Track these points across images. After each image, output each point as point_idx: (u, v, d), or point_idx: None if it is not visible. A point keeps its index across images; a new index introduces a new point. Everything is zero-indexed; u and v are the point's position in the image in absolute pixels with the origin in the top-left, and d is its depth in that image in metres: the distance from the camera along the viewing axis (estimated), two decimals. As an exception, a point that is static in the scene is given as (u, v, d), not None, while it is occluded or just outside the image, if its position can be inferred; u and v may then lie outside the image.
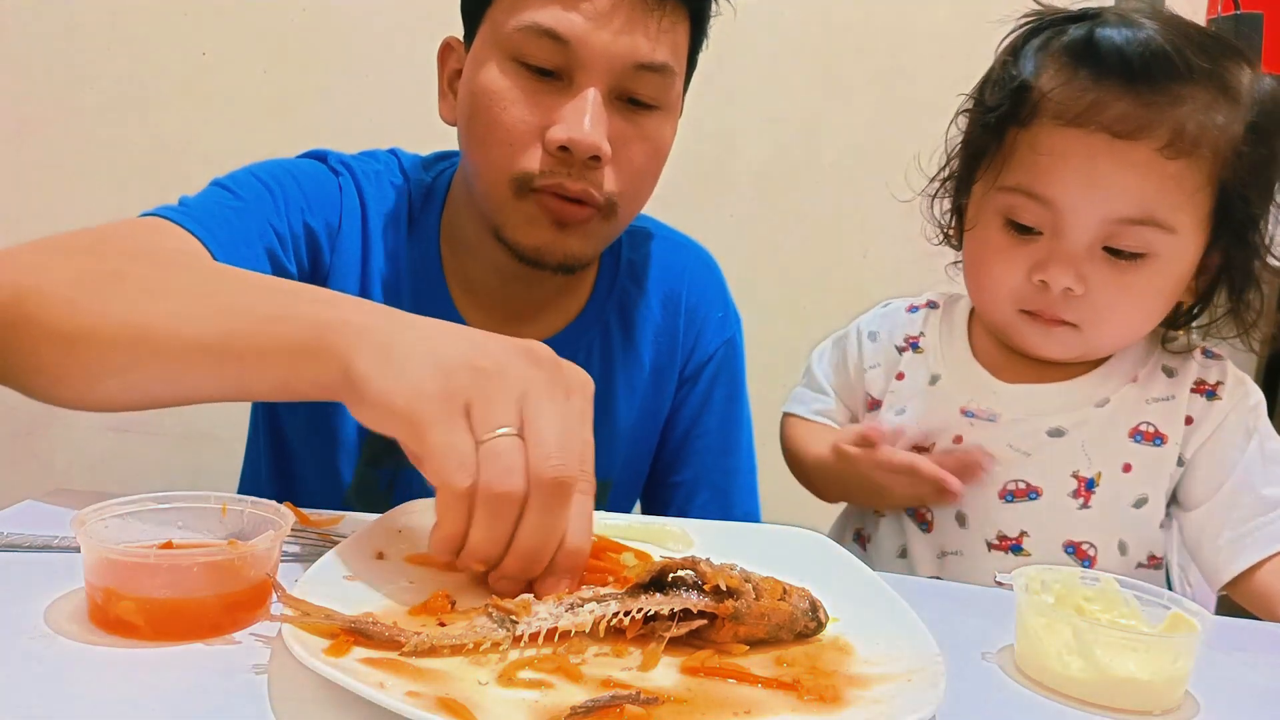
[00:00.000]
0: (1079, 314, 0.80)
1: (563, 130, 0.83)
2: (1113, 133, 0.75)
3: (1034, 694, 0.54)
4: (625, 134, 0.86)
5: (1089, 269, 0.78)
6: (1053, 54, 0.80)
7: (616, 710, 0.43)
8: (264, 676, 0.47)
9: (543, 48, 0.83)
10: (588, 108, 0.83)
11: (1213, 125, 0.75)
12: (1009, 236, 0.81)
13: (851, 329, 0.99)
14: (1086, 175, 0.76)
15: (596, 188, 0.86)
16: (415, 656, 0.47)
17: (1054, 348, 0.83)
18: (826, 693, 0.47)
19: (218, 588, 0.51)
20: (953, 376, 0.89)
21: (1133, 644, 0.53)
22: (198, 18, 1.62)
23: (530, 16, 0.83)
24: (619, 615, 0.51)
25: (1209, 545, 0.82)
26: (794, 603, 0.54)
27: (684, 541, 0.70)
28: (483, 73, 0.86)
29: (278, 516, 0.58)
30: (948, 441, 0.87)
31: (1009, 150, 0.81)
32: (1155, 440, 0.83)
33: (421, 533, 0.63)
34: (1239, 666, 0.62)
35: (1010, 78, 0.82)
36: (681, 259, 1.09)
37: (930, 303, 0.96)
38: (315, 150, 1.00)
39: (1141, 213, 0.76)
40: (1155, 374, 0.86)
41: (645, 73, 0.85)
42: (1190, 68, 0.74)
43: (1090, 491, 0.83)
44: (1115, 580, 0.60)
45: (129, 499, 0.57)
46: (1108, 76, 0.75)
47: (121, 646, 0.49)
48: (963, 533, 0.86)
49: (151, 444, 1.72)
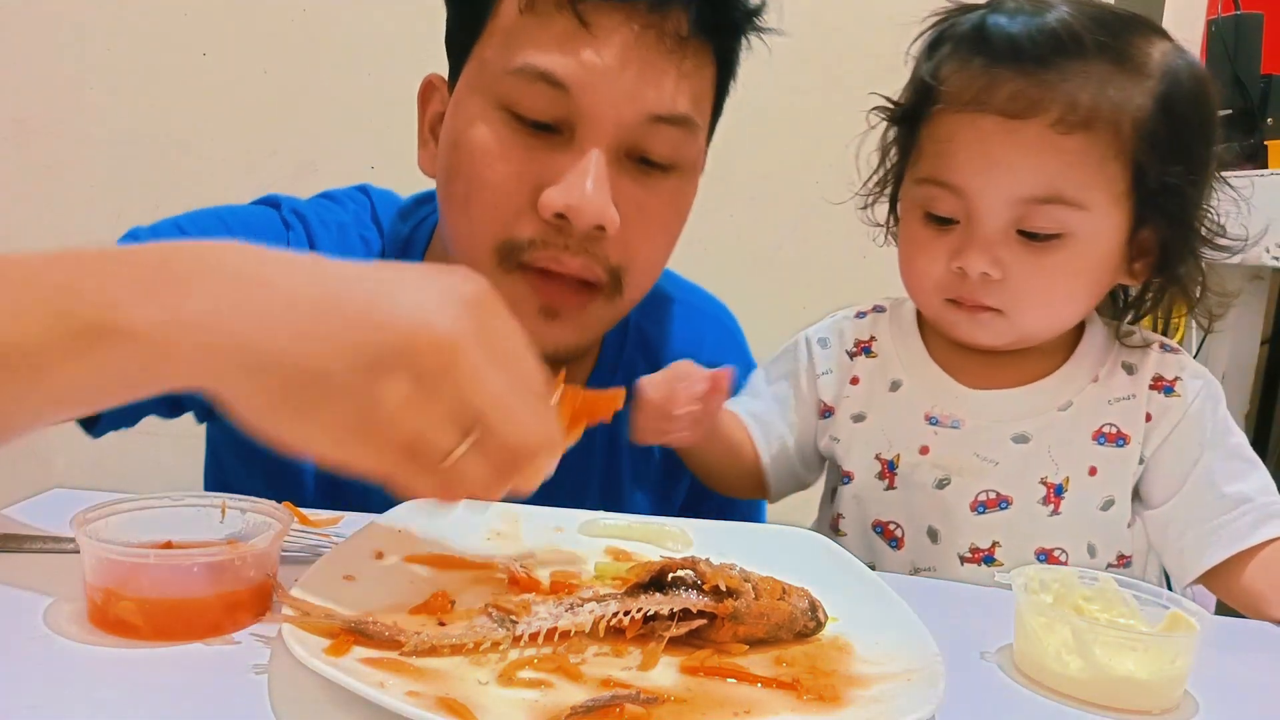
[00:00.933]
0: (1000, 299, 0.79)
1: (560, 195, 0.70)
2: (1005, 113, 0.75)
3: (1033, 693, 0.55)
4: (636, 199, 0.74)
5: (1005, 253, 0.77)
6: (950, 46, 0.81)
7: (616, 710, 0.44)
8: (264, 676, 0.47)
9: (539, 96, 0.71)
10: (590, 169, 0.70)
11: (1109, 98, 0.74)
12: (929, 228, 0.81)
13: (799, 339, 0.96)
14: (983, 158, 0.76)
15: (601, 263, 0.73)
16: (415, 656, 0.47)
17: (982, 334, 0.82)
18: (826, 692, 0.47)
19: (218, 588, 0.51)
20: (914, 381, 0.87)
21: (1131, 643, 0.53)
22: (198, 18, 1.63)
23: (525, 58, 0.71)
24: (619, 615, 0.51)
25: (1174, 544, 0.82)
26: (793, 602, 0.55)
27: (684, 541, 0.70)
28: (466, 122, 0.74)
29: (278, 516, 0.58)
30: (914, 451, 0.85)
31: (918, 144, 0.82)
32: (1118, 441, 0.83)
33: (421, 533, 0.63)
34: (1238, 666, 0.62)
35: (914, 75, 0.83)
36: (698, 327, 0.96)
37: (877, 307, 0.94)
38: (270, 196, 0.88)
39: (1046, 191, 0.75)
40: (1115, 372, 0.85)
41: (661, 126, 0.73)
42: (1081, 44, 0.74)
43: (1059, 497, 0.83)
44: (1114, 580, 0.60)
45: (129, 499, 0.57)
46: (998, 61, 0.76)
47: (121, 646, 0.49)
48: (935, 548, 0.85)
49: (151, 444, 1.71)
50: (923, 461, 0.85)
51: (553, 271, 0.73)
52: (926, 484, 0.85)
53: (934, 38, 0.83)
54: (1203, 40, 1.93)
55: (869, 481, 0.88)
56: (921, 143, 0.82)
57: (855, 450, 0.89)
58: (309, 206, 0.87)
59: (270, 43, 1.65)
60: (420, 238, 0.87)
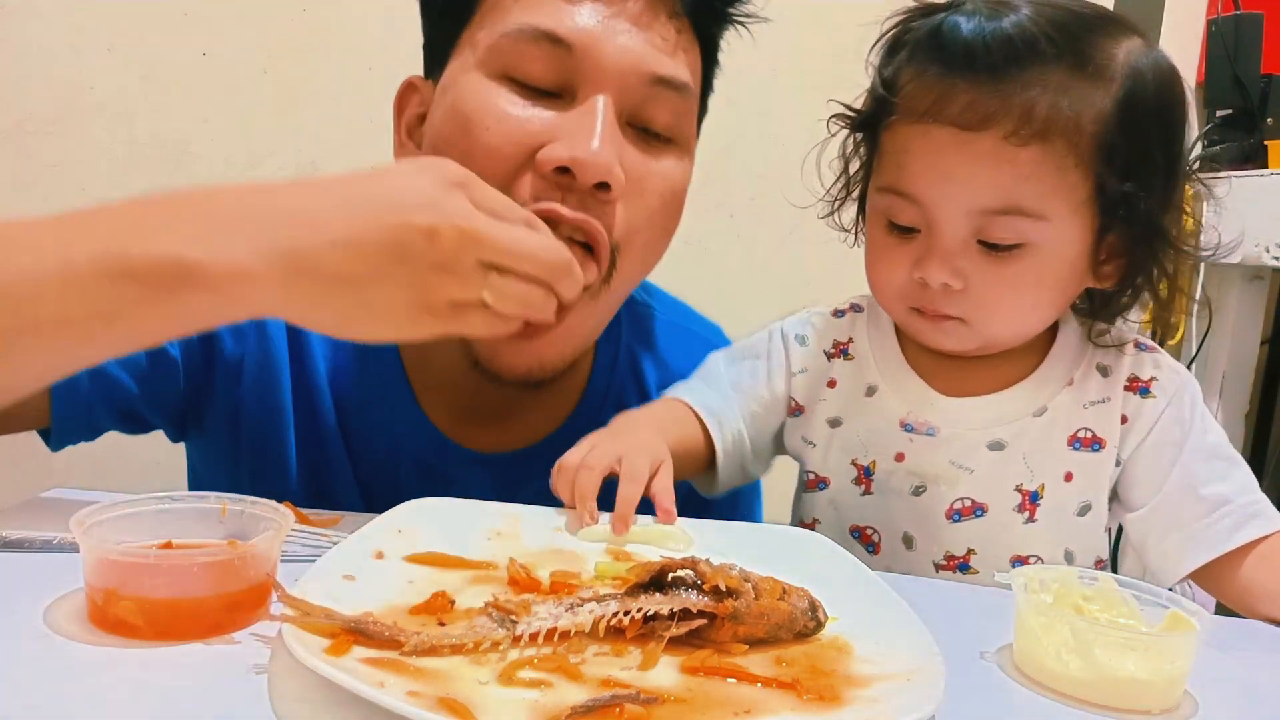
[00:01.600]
0: (962, 309, 0.78)
1: (564, 148, 0.67)
2: (959, 125, 0.74)
3: (1033, 693, 0.55)
4: (637, 170, 0.71)
5: (965, 263, 0.76)
6: (907, 52, 0.79)
7: (616, 710, 0.43)
8: (264, 676, 0.47)
9: (541, 57, 0.68)
10: (597, 120, 0.67)
11: (1067, 106, 0.72)
12: (891, 236, 0.81)
13: (772, 331, 0.94)
14: (938, 170, 0.76)
15: (604, 221, 0.70)
16: (415, 656, 0.47)
17: (947, 341, 0.82)
18: (826, 692, 0.47)
19: (218, 588, 0.51)
20: (890, 387, 0.86)
21: (1131, 643, 0.53)
22: (198, 18, 1.63)
23: (523, 18, 0.69)
24: (619, 615, 0.51)
25: (1155, 547, 0.81)
26: (793, 602, 0.54)
27: (683, 541, 0.70)
28: (457, 99, 0.71)
29: (278, 516, 0.58)
30: (889, 459, 0.85)
31: (880, 152, 0.82)
32: (1094, 446, 0.82)
33: (422, 533, 0.63)
34: (1238, 666, 0.62)
35: (872, 82, 0.82)
36: (690, 350, 0.93)
37: (854, 306, 0.93)
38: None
39: (1003, 203, 0.74)
40: (1090, 375, 0.84)
41: (663, 90, 0.72)
42: (1037, 50, 0.72)
43: (1035, 504, 0.82)
44: (1114, 580, 0.60)
45: (129, 499, 0.57)
46: (954, 70, 0.74)
47: (121, 646, 0.49)
48: (910, 555, 0.85)
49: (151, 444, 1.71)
50: (898, 468, 0.85)
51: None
52: (903, 491, 0.84)
53: (892, 41, 0.82)
54: (1203, 40, 1.93)
55: (845, 487, 0.87)
56: (882, 151, 0.81)
57: (832, 455, 0.88)
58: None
59: (270, 43, 1.65)
60: None
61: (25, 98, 1.62)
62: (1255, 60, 1.84)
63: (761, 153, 1.72)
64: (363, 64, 1.65)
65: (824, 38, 1.71)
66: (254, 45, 1.64)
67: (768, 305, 1.75)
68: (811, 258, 1.76)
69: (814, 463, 0.89)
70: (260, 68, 1.65)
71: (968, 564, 0.83)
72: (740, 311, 1.13)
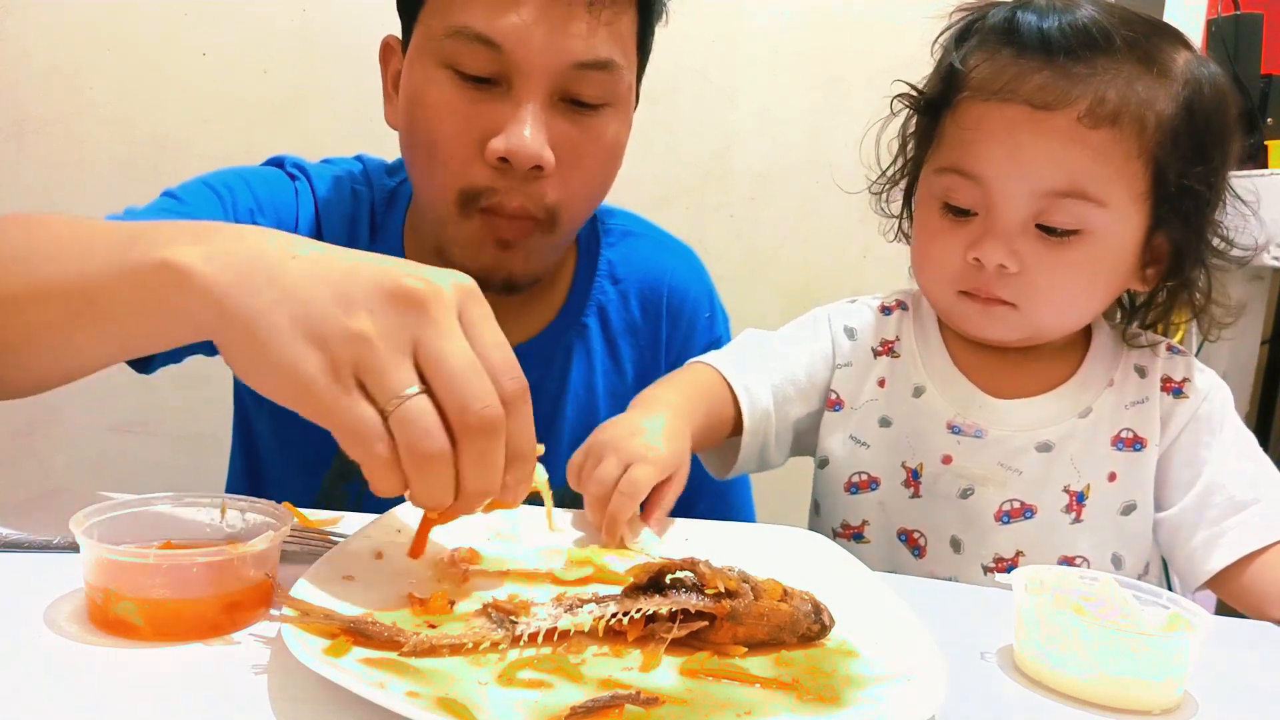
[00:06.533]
0: (1015, 292, 0.79)
1: (501, 142, 0.80)
2: (1033, 104, 0.75)
3: (1033, 694, 0.55)
4: (571, 138, 0.83)
5: (1023, 246, 0.77)
6: (978, 38, 0.81)
7: (616, 710, 0.44)
8: (264, 676, 0.47)
9: (475, 54, 0.80)
10: (527, 117, 0.80)
11: (1136, 96, 0.75)
12: (946, 219, 0.81)
13: (821, 317, 0.93)
14: (1009, 147, 0.76)
15: (535, 202, 0.83)
16: (415, 656, 0.47)
17: (995, 328, 0.82)
18: (826, 693, 0.47)
19: (218, 588, 0.51)
20: (938, 388, 0.87)
21: (1131, 643, 0.53)
22: (198, 18, 1.62)
23: (459, 19, 0.79)
24: (618, 616, 0.51)
25: (1183, 547, 0.82)
26: (795, 605, 0.54)
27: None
28: (418, 83, 0.84)
29: (278, 516, 0.58)
30: (936, 461, 0.85)
31: (941, 133, 0.82)
32: (1136, 446, 0.83)
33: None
34: (1237, 666, 0.62)
35: (941, 65, 0.84)
36: (662, 259, 1.05)
37: (900, 304, 0.93)
38: (274, 157, 0.99)
39: (1068, 184, 0.75)
40: (1129, 376, 0.85)
41: (588, 71, 0.81)
42: (1112, 41, 0.75)
43: (1081, 505, 0.82)
44: (1114, 580, 0.60)
45: (129, 499, 0.57)
46: (1028, 52, 0.76)
47: (121, 646, 0.49)
48: (958, 558, 0.85)
49: (151, 444, 1.72)
50: (945, 471, 0.85)
51: (502, 210, 0.83)
52: (951, 494, 0.84)
53: (962, 29, 0.83)
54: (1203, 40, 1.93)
55: (895, 489, 0.87)
56: (944, 131, 0.82)
57: (883, 456, 0.88)
58: (310, 164, 0.98)
59: (270, 43, 1.64)
60: (405, 190, 0.98)
61: (25, 98, 1.61)
62: (1255, 60, 1.84)
63: (761, 153, 1.72)
64: (363, 64, 1.65)
65: (825, 38, 1.71)
66: (254, 45, 1.64)
67: (768, 305, 1.75)
68: (812, 258, 1.76)
69: (865, 463, 0.89)
70: (260, 68, 1.65)
71: (1015, 566, 0.83)
72: (740, 311, 1.13)
